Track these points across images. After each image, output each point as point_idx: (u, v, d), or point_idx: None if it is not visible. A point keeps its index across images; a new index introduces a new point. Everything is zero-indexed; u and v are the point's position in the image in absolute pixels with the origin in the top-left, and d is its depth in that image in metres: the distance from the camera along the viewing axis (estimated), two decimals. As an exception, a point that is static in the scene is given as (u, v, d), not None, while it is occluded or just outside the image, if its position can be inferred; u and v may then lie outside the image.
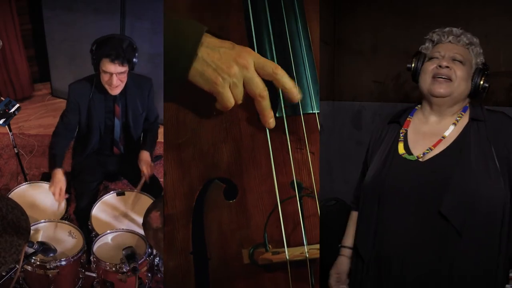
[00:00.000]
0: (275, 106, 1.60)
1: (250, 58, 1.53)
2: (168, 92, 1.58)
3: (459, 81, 1.57)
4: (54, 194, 2.39)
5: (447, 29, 1.64)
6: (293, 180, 1.57)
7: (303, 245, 1.55)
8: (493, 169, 1.51)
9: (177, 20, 1.55)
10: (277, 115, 1.61)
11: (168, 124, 1.61)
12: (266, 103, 1.56)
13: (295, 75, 1.61)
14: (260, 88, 1.54)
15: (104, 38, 2.40)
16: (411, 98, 2.78)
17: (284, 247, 1.54)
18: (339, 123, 3.15)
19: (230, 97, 1.54)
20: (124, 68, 2.37)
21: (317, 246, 1.54)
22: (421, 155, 1.59)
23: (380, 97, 2.97)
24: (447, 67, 1.57)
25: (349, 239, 1.82)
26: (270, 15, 1.62)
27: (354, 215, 1.84)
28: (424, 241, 1.54)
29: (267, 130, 1.58)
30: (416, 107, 1.72)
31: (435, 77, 1.59)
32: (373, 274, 1.63)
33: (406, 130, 1.68)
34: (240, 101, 1.56)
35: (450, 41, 1.61)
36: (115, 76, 2.37)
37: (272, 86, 1.57)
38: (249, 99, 1.57)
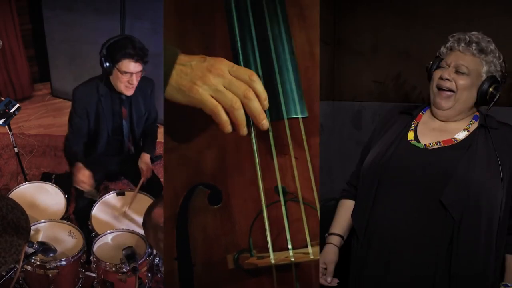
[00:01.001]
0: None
1: (223, 66, 1.47)
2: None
3: (461, 91, 1.60)
4: (77, 183, 2.40)
5: (462, 35, 1.63)
6: (277, 185, 1.55)
7: (288, 249, 1.52)
8: (495, 174, 1.53)
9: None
10: None
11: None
12: (254, 105, 1.46)
13: (279, 80, 1.59)
14: (242, 89, 1.46)
15: (116, 40, 2.37)
16: (411, 98, 2.78)
17: (268, 251, 1.51)
18: (339, 123, 3.15)
19: (212, 103, 1.45)
20: (142, 66, 2.37)
21: (303, 250, 1.50)
22: (429, 145, 1.62)
23: (380, 97, 2.97)
24: (448, 79, 1.60)
25: (337, 227, 1.81)
26: (254, 20, 1.59)
27: (343, 202, 1.84)
28: (420, 227, 1.55)
29: (253, 136, 1.53)
30: (428, 106, 1.75)
31: (438, 88, 1.63)
32: (363, 254, 1.65)
33: (418, 123, 1.72)
34: (235, 106, 1.45)
35: (459, 50, 1.61)
36: (135, 76, 2.37)
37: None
38: None
